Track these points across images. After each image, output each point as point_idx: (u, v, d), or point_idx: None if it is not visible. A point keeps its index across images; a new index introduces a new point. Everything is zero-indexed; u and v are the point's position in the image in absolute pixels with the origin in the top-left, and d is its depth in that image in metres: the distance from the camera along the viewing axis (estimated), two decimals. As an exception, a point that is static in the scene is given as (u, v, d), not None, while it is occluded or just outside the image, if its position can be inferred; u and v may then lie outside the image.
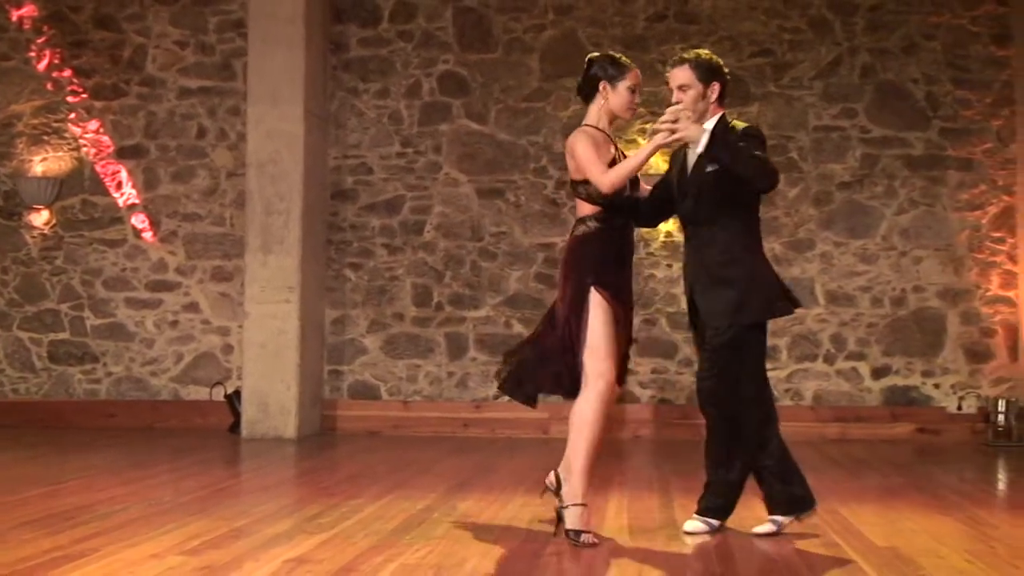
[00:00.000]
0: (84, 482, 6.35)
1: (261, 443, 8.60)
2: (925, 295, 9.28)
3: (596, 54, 5.15)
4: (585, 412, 4.80)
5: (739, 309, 4.84)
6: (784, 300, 4.96)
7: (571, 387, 4.88)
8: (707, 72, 4.96)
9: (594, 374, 4.79)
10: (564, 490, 4.79)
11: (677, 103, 4.90)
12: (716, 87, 4.97)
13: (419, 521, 5.19)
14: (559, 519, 4.81)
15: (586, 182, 4.88)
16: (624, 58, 5.09)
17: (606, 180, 4.78)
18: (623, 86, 4.98)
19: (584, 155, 4.85)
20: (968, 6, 9.34)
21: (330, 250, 9.62)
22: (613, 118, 5.03)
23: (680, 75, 4.96)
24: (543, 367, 4.91)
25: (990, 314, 9.22)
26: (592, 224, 4.94)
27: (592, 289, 4.87)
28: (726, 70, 5.09)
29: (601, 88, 4.99)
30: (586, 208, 4.95)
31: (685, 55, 5.04)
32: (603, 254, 4.93)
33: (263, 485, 6.55)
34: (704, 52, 5.06)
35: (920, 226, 9.31)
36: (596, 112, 5.02)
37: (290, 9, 9.00)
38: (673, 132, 4.77)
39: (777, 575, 4.10)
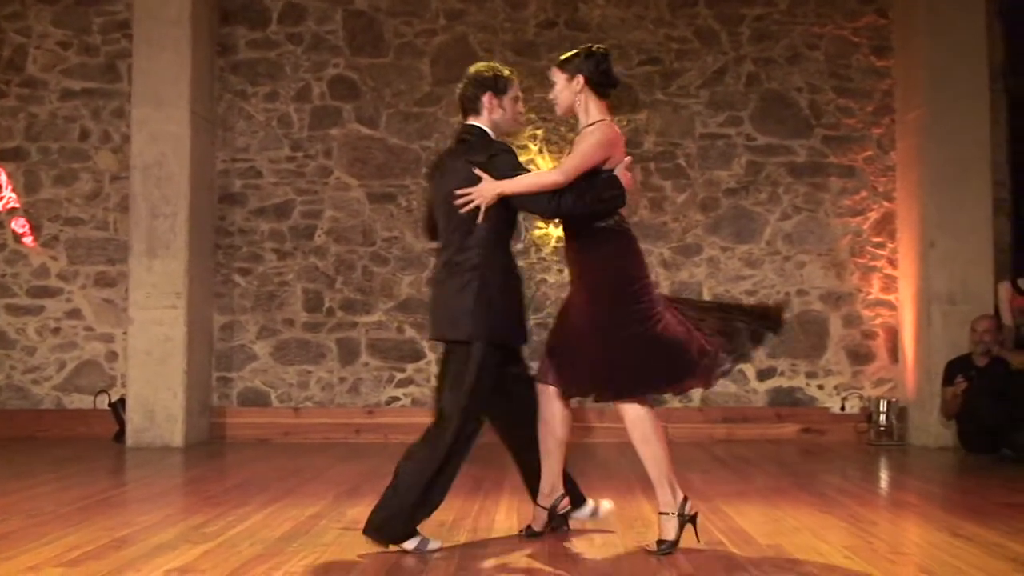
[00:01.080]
0: (-41, 494, 6.16)
1: (147, 452, 8.42)
2: (808, 299, 9.49)
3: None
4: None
5: None
6: None
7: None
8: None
9: None
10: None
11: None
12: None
13: (307, 528, 5.14)
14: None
15: None
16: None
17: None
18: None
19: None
20: (850, 18, 9.59)
21: (218, 255, 9.47)
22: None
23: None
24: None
25: (871, 317, 9.47)
26: None
27: None
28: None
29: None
30: None
31: None
32: None
33: (148, 494, 6.41)
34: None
35: (803, 231, 9.52)
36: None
37: (176, 10, 8.85)
38: None
39: (662, 573, 4.14)
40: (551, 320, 9.41)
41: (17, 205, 9.51)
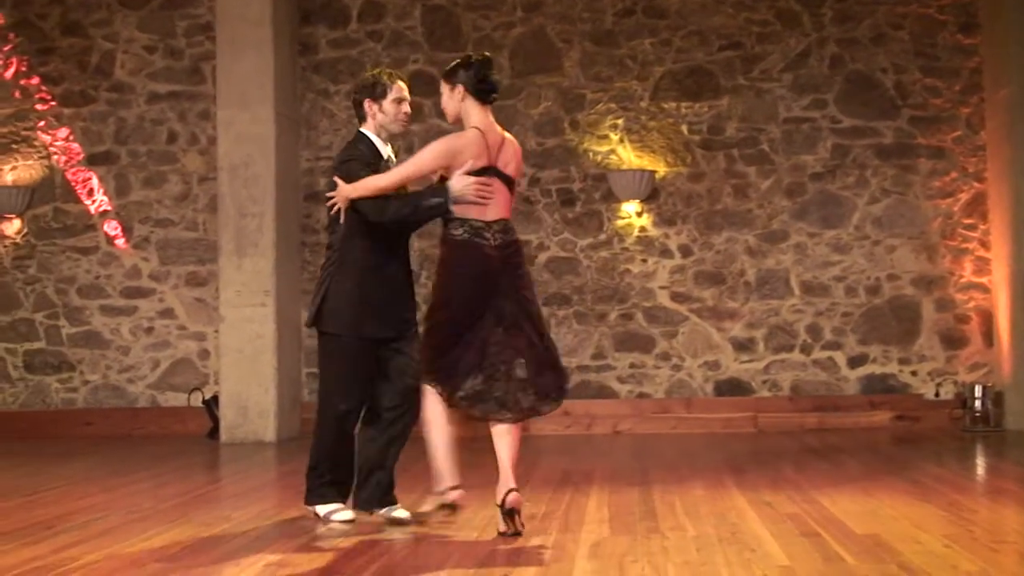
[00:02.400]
0: (63, 491, 6.32)
1: (240, 448, 8.57)
2: (899, 283, 9.33)
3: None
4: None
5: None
6: None
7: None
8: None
9: None
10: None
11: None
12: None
13: (399, 521, 5.17)
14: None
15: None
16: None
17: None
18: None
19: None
20: (935, -5, 9.40)
21: (304, 252, 9.59)
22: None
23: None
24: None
25: (964, 301, 9.28)
26: None
27: None
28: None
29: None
30: (509, 210, 4.98)
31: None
32: None
33: (243, 489, 6.52)
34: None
35: (893, 215, 9.36)
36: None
37: (258, 12, 8.97)
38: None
39: (757, 565, 4.11)
40: (634, 310, 9.42)
41: (109, 208, 9.73)
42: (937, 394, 9.22)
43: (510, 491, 4.68)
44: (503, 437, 4.78)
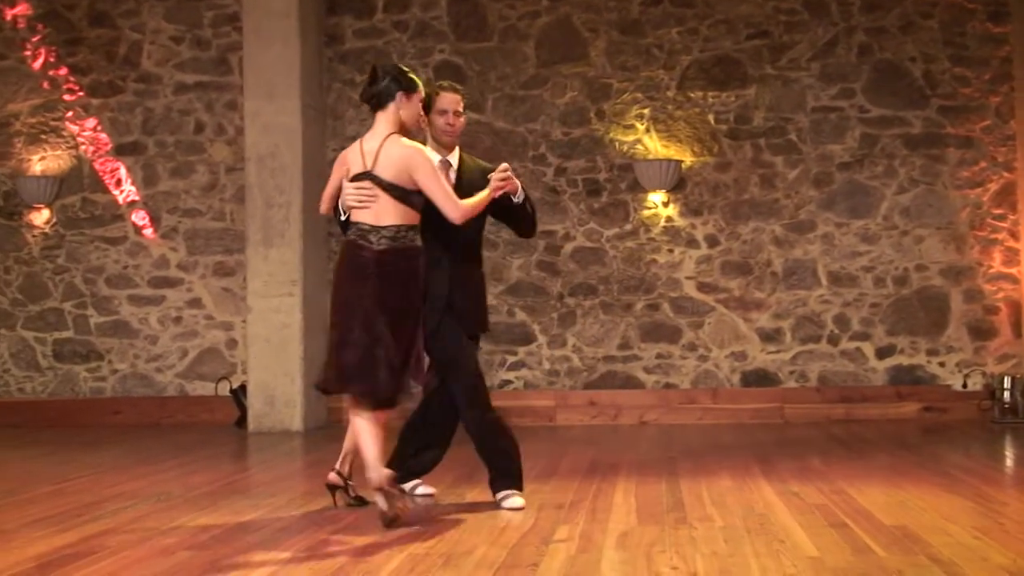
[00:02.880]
0: (92, 479, 6.37)
1: (268, 436, 8.61)
2: (928, 274, 9.28)
3: (387, 65, 5.30)
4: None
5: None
6: None
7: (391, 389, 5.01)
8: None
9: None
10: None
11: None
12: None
13: (427, 511, 5.20)
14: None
15: (419, 192, 4.98)
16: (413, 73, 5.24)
17: (459, 213, 5.04)
18: (416, 98, 5.13)
19: (438, 180, 5.01)
20: (965, -17, 9.32)
21: (331, 242, 9.61)
22: (404, 130, 5.14)
23: (457, 100, 5.33)
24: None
25: (993, 291, 9.21)
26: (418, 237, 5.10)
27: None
28: None
29: (398, 99, 5.05)
30: (406, 216, 5.01)
31: (456, 84, 5.49)
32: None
33: (271, 478, 6.56)
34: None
35: (921, 205, 9.30)
36: (392, 122, 5.08)
37: (284, 3, 8.99)
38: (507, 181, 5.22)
39: (786, 556, 4.10)
40: (660, 300, 9.40)
41: (137, 198, 9.78)
42: (965, 385, 9.16)
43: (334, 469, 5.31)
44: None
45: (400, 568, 4.01)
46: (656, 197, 9.39)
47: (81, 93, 9.82)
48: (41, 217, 9.80)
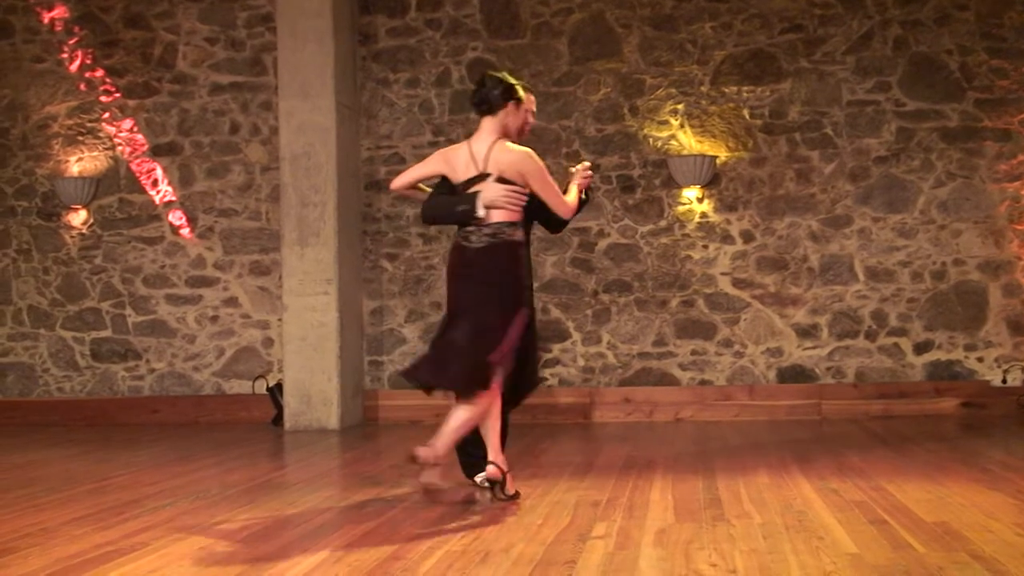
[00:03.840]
0: (131, 477, 6.42)
1: (304, 435, 8.65)
2: (966, 268, 9.19)
3: (497, 75, 5.50)
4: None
5: None
6: None
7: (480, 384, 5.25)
8: None
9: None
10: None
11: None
12: None
13: (464, 508, 5.20)
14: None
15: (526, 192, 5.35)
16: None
17: (569, 210, 5.54)
18: (523, 108, 5.45)
19: (550, 182, 5.45)
20: (1002, -26, 9.23)
21: (366, 241, 9.65)
22: (507, 135, 5.44)
23: (534, 101, 5.61)
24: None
25: (1032, 285, 9.13)
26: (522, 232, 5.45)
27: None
28: None
29: (508, 107, 5.39)
30: (510, 215, 5.33)
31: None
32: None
33: (308, 476, 6.58)
34: None
35: (959, 198, 9.22)
36: (498, 128, 5.38)
37: (318, 2, 9.03)
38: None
39: (825, 553, 4.07)
40: (695, 296, 9.37)
41: (174, 198, 9.85)
42: (1004, 380, 9.08)
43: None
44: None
45: (438, 565, 4.02)
46: (691, 193, 9.36)
47: (117, 94, 9.91)
48: (79, 218, 9.89)
